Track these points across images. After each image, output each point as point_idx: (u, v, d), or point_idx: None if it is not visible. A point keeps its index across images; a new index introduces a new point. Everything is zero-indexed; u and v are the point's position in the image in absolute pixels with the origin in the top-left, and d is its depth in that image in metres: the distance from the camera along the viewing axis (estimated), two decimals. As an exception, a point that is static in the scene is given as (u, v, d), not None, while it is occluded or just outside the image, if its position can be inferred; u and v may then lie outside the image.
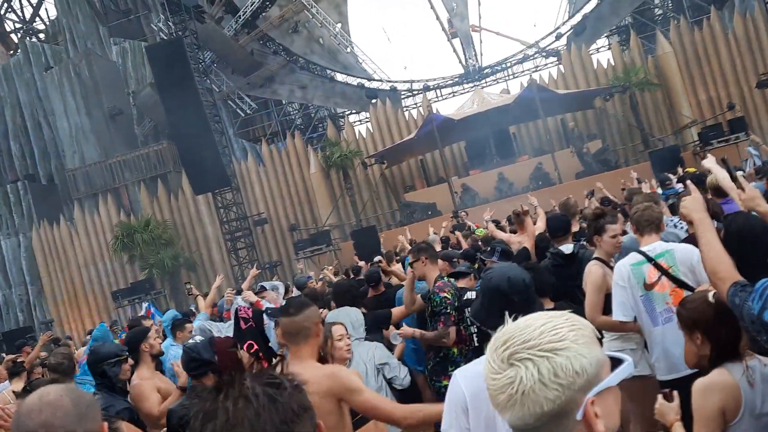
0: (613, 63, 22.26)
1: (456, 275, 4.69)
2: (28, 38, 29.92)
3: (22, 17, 31.67)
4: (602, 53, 27.61)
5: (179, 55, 19.84)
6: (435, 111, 22.06)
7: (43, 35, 31.00)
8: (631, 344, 3.81)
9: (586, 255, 4.49)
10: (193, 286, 8.02)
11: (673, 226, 5.21)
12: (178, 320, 6.06)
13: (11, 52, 29.66)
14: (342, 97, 28.09)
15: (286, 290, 8.68)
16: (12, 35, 31.28)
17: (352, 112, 30.45)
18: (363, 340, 4.03)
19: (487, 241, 7.11)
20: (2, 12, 30.91)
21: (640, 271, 3.49)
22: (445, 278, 4.48)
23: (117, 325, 13.22)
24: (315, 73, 27.59)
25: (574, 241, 5.04)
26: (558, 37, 27.66)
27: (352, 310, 4.19)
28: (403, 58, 62.69)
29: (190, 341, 3.40)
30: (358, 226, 21.11)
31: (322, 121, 30.40)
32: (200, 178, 20.64)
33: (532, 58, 28.89)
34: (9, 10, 31.15)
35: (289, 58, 26.86)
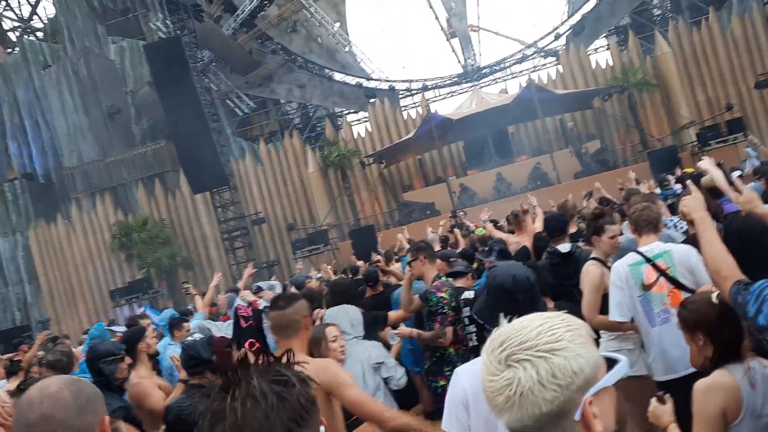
0: (612, 63, 22.28)
1: (454, 275, 4.69)
2: (26, 36, 29.85)
3: (20, 15, 31.61)
4: (601, 53, 27.68)
5: (177, 54, 19.82)
6: (433, 111, 22.04)
7: (41, 34, 30.95)
8: (629, 344, 3.81)
9: (583, 255, 4.49)
10: (190, 285, 8.00)
11: (673, 226, 5.22)
12: (176, 319, 6.06)
13: (9, 50, 29.60)
14: (340, 96, 28.09)
15: (284, 290, 8.67)
16: (10, 33, 31.23)
17: (350, 112, 30.45)
18: (361, 339, 4.02)
19: (483, 241, 7.11)
20: (0, 10, 30.85)
21: (638, 271, 3.48)
22: (443, 278, 4.48)
23: (115, 324, 13.19)
24: (313, 72, 27.59)
25: (571, 242, 5.05)
26: (557, 37, 27.71)
27: (351, 308, 4.18)
28: (401, 57, 62.75)
29: (189, 339, 3.39)
30: (356, 226, 21.11)
31: (320, 121, 30.40)
32: (198, 177, 20.63)
33: (530, 58, 28.94)
34: (7, 9, 31.09)
35: (287, 58, 26.85)
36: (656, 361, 3.48)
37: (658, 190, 9.08)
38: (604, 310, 3.73)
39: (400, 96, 28.91)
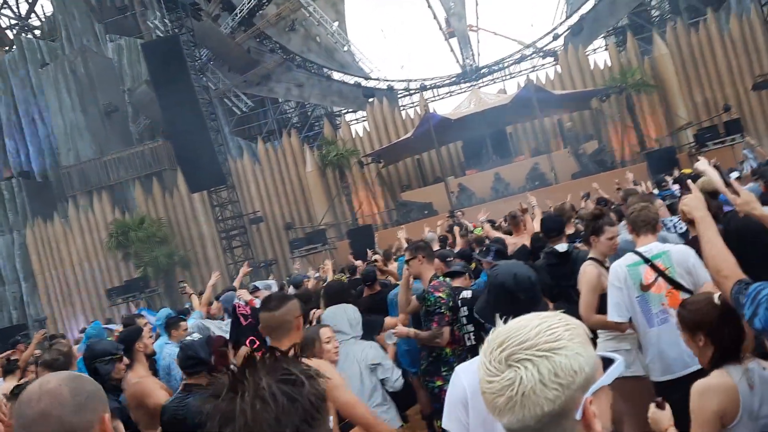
0: (610, 64, 22.30)
1: (451, 274, 4.68)
2: (23, 34, 29.75)
3: (17, 13, 31.53)
4: (599, 54, 27.72)
5: (175, 53, 19.78)
6: (432, 110, 22.04)
7: (38, 32, 30.87)
8: (626, 345, 3.81)
9: (580, 255, 4.49)
10: (187, 284, 8.00)
11: (672, 227, 5.22)
12: (173, 318, 6.03)
13: (6, 48, 29.51)
14: (339, 95, 28.07)
15: (282, 289, 8.66)
16: (7, 31, 31.13)
17: (348, 111, 30.45)
18: (359, 339, 4.01)
19: (480, 242, 7.11)
20: (-2, 8, 30.78)
21: (637, 272, 3.48)
22: (441, 278, 4.47)
23: (112, 323, 13.16)
24: (312, 71, 27.57)
25: (568, 242, 5.05)
26: (555, 38, 27.73)
27: (349, 307, 4.16)
28: (400, 57, 62.69)
29: (187, 338, 3.38)
30: (353, 226, 21.10)
31: (318, 120, 30.38)
32: (196, 176, 20.59)
33: (529, 59, 28.95)
34: (4, 6, 31.01)
35: (285, 57, 26.82)
36: (654, 362, 3.48)
37: (656, 191, 9.09)
38: (601, 310, 3.74)
39: (399, 96, 28.91)
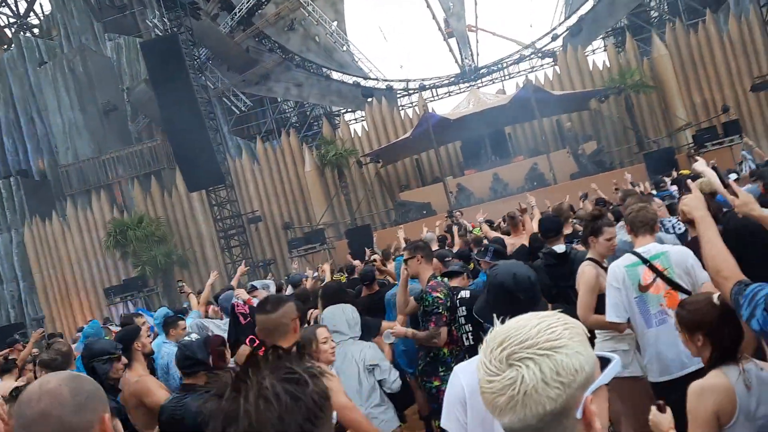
0: (609, 65, 22.31)
1: (449, 274, 4.68)
2: (22, 33, 29.72)
3: (16, 12, 31.48)
4: (598, 54, 27.73)
5: (174, 52, 19.76)
6: (431, 110, 22.04)
7: (37, 30, 30.82)
8: (623, 345, 3.82)
9: (578, 256, 4.49)
10: (185, 283, 7.99)
11: (671, 227, 5.22)
12: (171, 317, 6.02)
13: (5, 46, 29.47)
14: (338, 95, 28.06)
15: (280, 289, 8.66)
16: (6, 30, 31.09)
17: (347, 111, 30.43)
18: (357, 339, 4.00)
19: (477, 242, 7.11)
20: (-4, 6, 30.74)
21: (635, 272, 3.48)
22: (439, 278, 4.48)
23: (110, 323, 13.15)
24: (311, 71, 27.54)
25: (566, 243, 5.05)
26: (554, 38, 27.71)
27: (348, 307, 4.16)
28: (399, 57, 62.76)
29: (185, 339, 3.37)
30: (352, 225, 21.09)
31: (317, 120, 30.37)
32: (194, 175, 20.58)
33: (528, 59, 28.94)
34: (3, 5, 30.96)
35: (284, 56, 26.80)
36: (652, 363, 3.48)
37: (654, 192, 9.10)
38: (599, 310, 3.74)
39: (398, 95, 28.89)
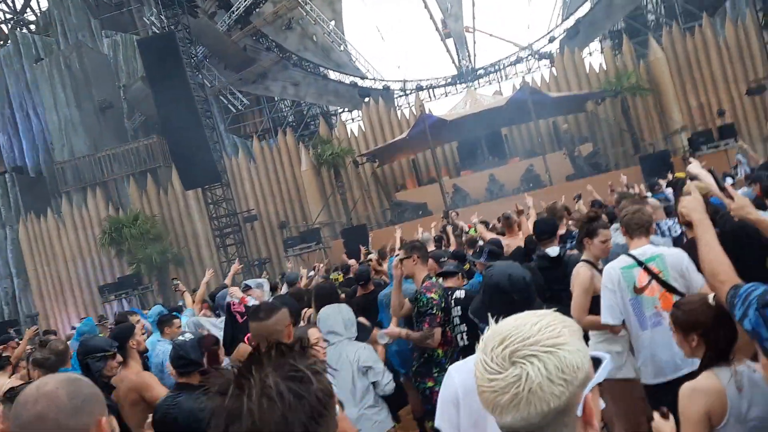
0: (605, 67, 22.35)
1: (444, 275, 4.68)
2: (18, 29, 29.61)
3: (12, 8, 31.34)
4: (595, 57, 27.79)
5: (171, 49, 19.71)
6: (427, 111, 22.05)
7: (34, 26, 30.72)
8: (617, 347, 3.83)
9: (571, 259, 4.50)
10: (179, 282, 7.97)
11: (667, 230, 5.24)
12: (165, 316, 6.00)
13: (1, 42, 29.36)
14: (335, 95, 28.05)
15: (275, 287, 8.65)
16: (2, 26, 30.97)
17: (344, 110, 30.43)
18: (353, 340, 4.00)
19: (471, 243, 7.11)
20: (-7, 2, 30.59)
21: (631, 274, 3.49)
22: (433, 278, 4.47)
23: (105, 320, 13.10)
24: (308, 70, 27.52)
25: (561, 244, 5.05)
26: (551, 40, 27.77)
27: (344, 307, 4.15)
28: (396, 57, 62.77)
29: (180, 338, 3.37)
30: (348, 225, 21.09)
31: (314, 119, 30.35)
32: (190, 174, 20.52)
33: (525, 61, 28.98)
34: (0, 1, 30.84)
35: (282, 55, 26.77)
36: (646, 365, 3.48)
37: (649, 194, 9.11)
38: (593, 312, 3.75)
39: (395, 96, 28.90)
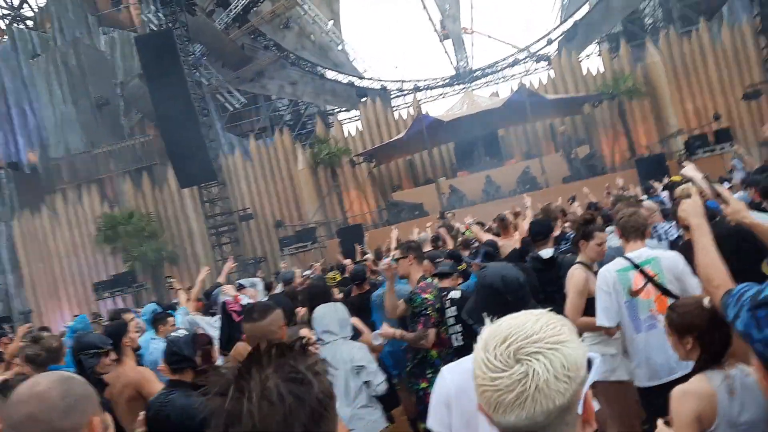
0: (603, 70, 22.40)
1: (439, 275, 4.68)
2: (15, 25, 29.48)
3: (9, 4, 31.20)
4: (592, 60, 27.87)
5: (169, 47, 19.66)
6: (425, 112, 22.06)
7: (30, 22, 30.58)
8: (611, 349, 3.83)
9: (565, 261, 4.50)
10: (174, 280, 7.94)
11: (663, 233, 5.24)
12: (160, 313, 5.99)
13: (-3, 37, 29.23)
14: (332, 94, 28.03)
15: (270, 286, 8.64)
16: (-1, 21, 30.84)
17: (341, 110, 30.41)
18: (348, 340, 3.99)
19: (466, 244, 7.12)
20: (-11, -3, 30.45)
21: (626, 277, 3.49)
22: (428, 279, 4.47)
23: (100, 318, 13.06)
24: (305, 69, 27.49)
25: (555, 246, 5.05)
26: (549, 43, 27.80)
27: (340, 306, 4.14)
28: (394, 57, 62.79)
29: (173, 334, 3.35)
30: (344, 225, 21.07)
31: (311, 118, 30.30)
32: (186, 172, 20.49)
33: (522, 62, 29.01)
34: (-4, -4, 30.70)
35: (279, 54, 26.73)
36: (640, 368, 3.49)
37: (645, 197, 9.14)
38: (587, 314, 3.75)
39: (392, 96, 28.90)
